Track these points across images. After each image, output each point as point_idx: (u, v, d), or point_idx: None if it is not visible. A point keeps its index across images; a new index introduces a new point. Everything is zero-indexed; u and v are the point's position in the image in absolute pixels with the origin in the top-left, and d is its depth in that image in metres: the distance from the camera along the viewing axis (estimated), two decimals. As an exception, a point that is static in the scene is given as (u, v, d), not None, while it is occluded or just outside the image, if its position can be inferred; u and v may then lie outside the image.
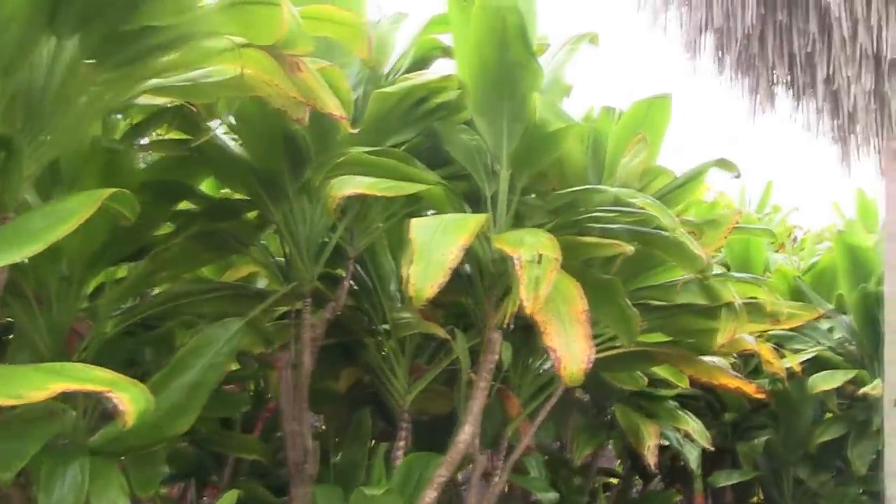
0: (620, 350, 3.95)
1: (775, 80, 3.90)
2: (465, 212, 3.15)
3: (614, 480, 5.87)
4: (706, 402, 5.25)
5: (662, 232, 3.13)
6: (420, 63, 3.58)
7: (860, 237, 5.14)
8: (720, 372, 4.05)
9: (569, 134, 2.99)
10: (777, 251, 6.34)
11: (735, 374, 4.09)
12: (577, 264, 3.35)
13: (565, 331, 2.78)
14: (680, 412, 4.61)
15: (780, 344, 5.19)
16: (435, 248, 2.68)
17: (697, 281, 3.79)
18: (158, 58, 2.44)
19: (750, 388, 4.08)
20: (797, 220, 6.99)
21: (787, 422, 5.06)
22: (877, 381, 4.81)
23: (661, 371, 4.52)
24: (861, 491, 5.08)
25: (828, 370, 4.86)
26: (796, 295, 5.33)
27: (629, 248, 3.35)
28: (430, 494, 3.19)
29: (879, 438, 5.07)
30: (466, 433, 3.20)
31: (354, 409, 4.06)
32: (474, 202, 3.32)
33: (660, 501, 4.98)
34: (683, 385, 4.53)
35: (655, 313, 3.96)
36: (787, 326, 4.15)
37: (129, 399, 2.04)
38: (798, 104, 3.92)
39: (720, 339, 3.65)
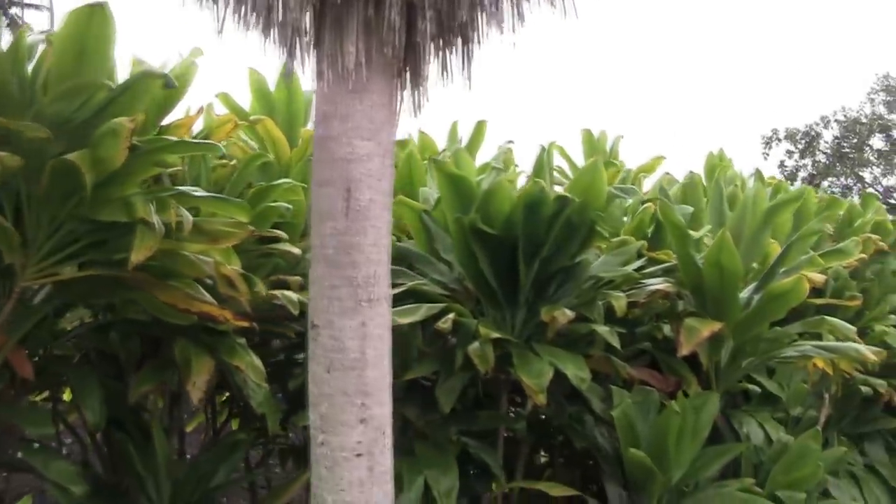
0: (83, 273, 3.78)
1: None
2: None
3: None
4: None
5: None
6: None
7: (464, 166, 4.83)
8: (195, 300, 3.85)
9: None
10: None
11: (210, 299, 3.86)
12: None
13: None
14: (240, 348, 4.38)
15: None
16: None
17: (119, 197, 3.59)
18: None
19: (227, 314, 3.86)
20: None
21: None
22: (449, 317, 4.54)
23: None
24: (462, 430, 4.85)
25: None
26: (424, 227, 5.05)
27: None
28: None
29: (465, 375, 4.81)
30: None
31: None
32: None
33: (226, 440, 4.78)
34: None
35: (104, 233, 3.77)
36: (223, 246, 3.90)
37: None
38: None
39: (134, 256, 3.45)
